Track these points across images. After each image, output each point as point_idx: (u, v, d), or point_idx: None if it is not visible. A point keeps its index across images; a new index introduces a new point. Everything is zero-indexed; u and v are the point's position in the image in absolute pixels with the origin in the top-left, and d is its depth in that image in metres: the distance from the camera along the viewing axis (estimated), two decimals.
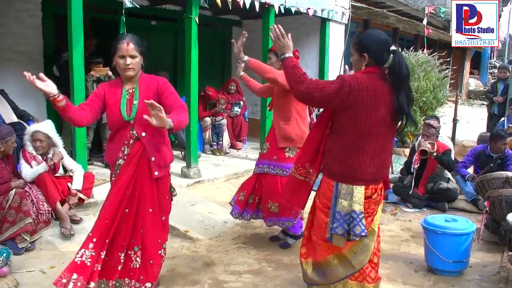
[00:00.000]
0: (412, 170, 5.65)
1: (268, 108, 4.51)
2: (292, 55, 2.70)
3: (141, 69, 3.02)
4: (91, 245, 2.88)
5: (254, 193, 4.22)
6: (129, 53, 2.88)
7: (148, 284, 3.04)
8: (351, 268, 2.78)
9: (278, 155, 4.06)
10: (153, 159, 2.96)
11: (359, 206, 2.63)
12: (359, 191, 2.64)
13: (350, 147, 2.63)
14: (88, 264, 2.84)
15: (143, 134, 2.93)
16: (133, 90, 2.98)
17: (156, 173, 2.98)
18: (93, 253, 2.87)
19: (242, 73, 4.42)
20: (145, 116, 2.47)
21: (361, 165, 2.63)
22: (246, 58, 4.03)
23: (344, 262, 2.78)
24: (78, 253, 2.88)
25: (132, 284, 3.00)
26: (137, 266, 3.02)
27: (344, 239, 2.66)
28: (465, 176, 5.76)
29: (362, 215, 2.64)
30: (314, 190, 2.96)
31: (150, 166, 2.96)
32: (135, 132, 2.93)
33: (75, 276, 2.78)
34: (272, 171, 4.08)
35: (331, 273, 2.81)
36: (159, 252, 3.15)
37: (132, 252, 3.01)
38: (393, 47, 2.65)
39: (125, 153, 2.95)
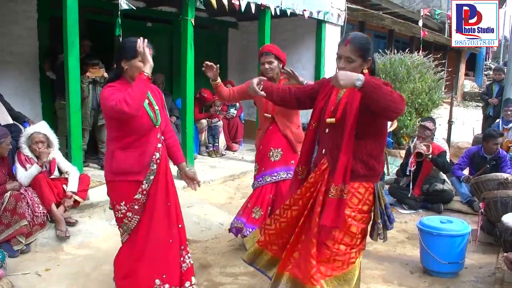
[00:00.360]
0: (408, 173, 5.66)
1: (272, 113, 4.08)
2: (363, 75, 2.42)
3: None
4: None
5: (270, 204, 4.09)
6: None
7: None
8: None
9: (295, 159, 3.84)
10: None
11: (385, 198, 2.70)
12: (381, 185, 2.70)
13: (382, 144, 2.65)
14: None
15: (163, 137, 3.06)
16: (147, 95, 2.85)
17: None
18: None
19: (218, 80, 4.06)
20: None
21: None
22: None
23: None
24: None
25: None
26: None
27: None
28: (460, 178, 5.78)
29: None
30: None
31: (167, 171, 3.15)
32: (161, 137, 3.02)
33: None
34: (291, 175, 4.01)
35: (357, 282, 2.70)
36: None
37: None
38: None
39: (157, 157, 2.94)
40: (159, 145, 2.96)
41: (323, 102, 2.72)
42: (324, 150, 2.69)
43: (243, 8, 6.30)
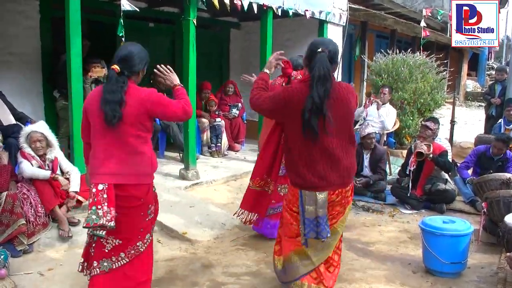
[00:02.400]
0: (408, 172, 5.66)
1: None
2: (267, 71, 3.13)
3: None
4: None
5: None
6: None
7: None
8: (311, 265, 2.92)
9: None
10: None
11: (322, 211, 2.75)
12: (322, 197, 2.75)
13: (294, 157, 2.82)
14: None
15: None
16: None
17: None
18: None
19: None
20: None
21: (308, 174, 2.77)
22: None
23: (304, 259, 2.91)
24: None
25: None
26: None
27: (318, 241, 2.82)
28: (466, 180, 5.76)
29: (326, 218, 2.77)
30: None
31: None
32: None
33: None
34: None
35: (291, 270, 2.96)
36: None
37: None
38: (319, 49, 2.70)
39: None
40: None
41: None
42: None
43: (245, 8, 6.30)
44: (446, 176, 5.77)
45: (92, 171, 2.87)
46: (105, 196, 2.78)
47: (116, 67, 2.79)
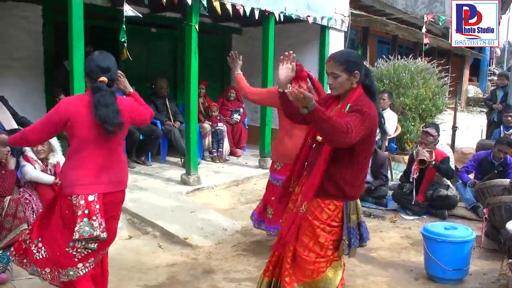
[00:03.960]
0: (411, 180, 5.64)
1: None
2: (315, 103, 2.30)
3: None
4: None
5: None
6: None
7: None
8: (340, 268, 2.83)
9: None
10: None
11: (362, 217, 2.78)
12: (359, 203, 2.78)
13: (359, 171, 2.71)
14: None
15: None
16: None
17: None
18: None
19: (238, 70, 4.18)
20: None
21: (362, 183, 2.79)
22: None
23: (338, 269, 2.82)
24: None
25: None
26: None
27: (356, 249, 2.79)
28: (467, 183, 5.75)
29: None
30: None
31: None
32: None
33: None
34: None
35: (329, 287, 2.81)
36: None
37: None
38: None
39: None
40: None
41: None
42: (307, 163, 2.84)
43: (247, 14, 6.31)
44: (448, 182, 5.76)
45: (77, 182, 2.79)
46: (97, 206, 2.79)
47: (104, 79, 2.81)
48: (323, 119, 2.29)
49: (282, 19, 7.02)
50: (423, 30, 9.69)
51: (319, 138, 2.70)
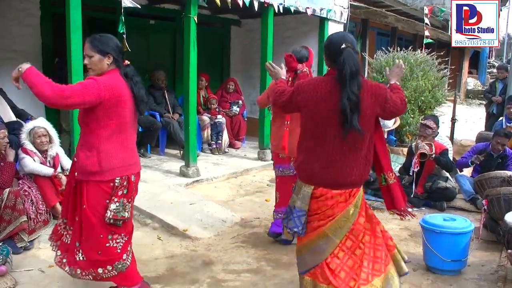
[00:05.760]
0: (411, 173, 5.63)
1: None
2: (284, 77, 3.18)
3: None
4: None
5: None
6: (86, 52, 2.87)
7: None
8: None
9: None
10: (75, 159, 2.93)
11: (300, 204, 2.68)
12: (306, 190, 2.67)
13: (300, 145, 2.75)
14: None
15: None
16: None
17: (75, 173, 2.89)
18: None
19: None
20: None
21: (307, 166, 2.67)
22: None
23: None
24: None
25: None
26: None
27: (289, 234, 2.84)
28: (468, 163, 5.73)
29: (302, 213, 2.67)
30: None
31: None
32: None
33: None
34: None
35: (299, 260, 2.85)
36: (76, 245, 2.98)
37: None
38: (343, 45, 2.58)
39: None
40: None
41: None
42: None
43: (247, 4, 6.28)
44: (447, 174, 5.76)
45: (124, 163, 2.85)
46: (133, 186, 2.93)
47: (127, 62, 2.95)
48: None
49: (281, 11, 6.99)
50: (426, 21, 9.62)
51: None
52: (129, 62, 2.92)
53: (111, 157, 2.79)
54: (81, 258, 2.91)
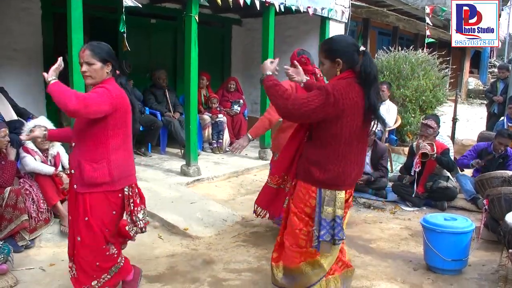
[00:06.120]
0: (413, 173, 5.63)
1: None
2: (271, 73, 2.71)
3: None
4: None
5: None
6: (85, 59, 2.76)
7: None
8: (322, 272, 2.82)
9: None
10: (73, 171, 2.82)
11: (341, 211, 2.67)
12: (341, 196, 2.67)
13: (334, 154, 2.63)
14: None
15: (73, 144, 2.86)
16: None
17: (75, 186, 2.80)
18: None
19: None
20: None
21: (345, 171, 2.66)
22: None
23: (317, 268, 2.80)
24: None
25: None
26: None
27: (330, 245, 2.69)
28: (469, 164, 5.74)
29: (343, 219, 2.71)
30: None
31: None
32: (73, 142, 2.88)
33: None
34: None
35: (302, 279, 2.82)
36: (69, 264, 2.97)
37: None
38: (362, 48, 2.69)
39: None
40: (71, 150, 2.91)
41: None
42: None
43: (248, 3, 6.28)
44: (448, 173, 5.76)
45: (130, 172, 2.90)
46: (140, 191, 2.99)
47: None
48: (268, 85, 2.64)
49: (282, 10, 6.99)
50: (427, 21, 9.61)
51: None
52: (119, 72, 2.90)
53: (120, 166, 2.79)
54: (73, 274, 2.91)
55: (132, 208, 2.85)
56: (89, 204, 2.76)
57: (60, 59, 2.66)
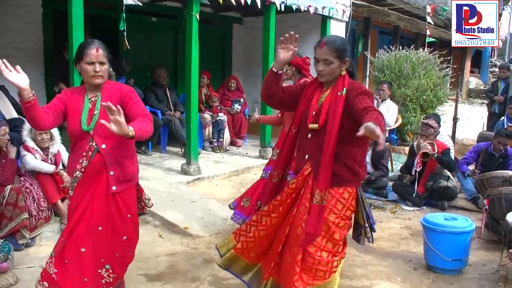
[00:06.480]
0: (413, 173, 5.62)
1: (279, 114, 4.27)
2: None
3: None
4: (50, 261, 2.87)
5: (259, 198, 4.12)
6: (99, 59, 2.68)
7: None
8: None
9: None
10: (111, 173, 2.74)
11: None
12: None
13: (365, 150, 2.72)
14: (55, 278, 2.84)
15: (103, 146, 2.72)
16: (96, 98, 2.77)
17: (113, 187, 2.75)
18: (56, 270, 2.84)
19: (257, 115, 4.56)
20: (103, 121, 2.29)
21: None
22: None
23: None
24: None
25: None
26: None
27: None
28: (466, 173, 5.76)
29: None
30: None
31: (108, 180, 2.74)
32: (94, 143, 2.72)
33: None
34: None
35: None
36: (99, 271, 2.83)
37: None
38: None
39: (83, 165, 2.73)
40: (91, 154, 2.73)
41: (304, 106, 2.73)
42: (307, 155, 2.69)
43: (249, 2, 6.27)
44: (448, 173, 5.75)
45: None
46: None
47: None
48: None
49: (283, 9, 6.98)
50: (428, 20, 9.60)
51: (313, 126, 2.62)
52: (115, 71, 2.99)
53: (136, 165, 3.01)
54: (110, 280, 2.86)
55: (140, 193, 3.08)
56: (128, 200, 2.86)
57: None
